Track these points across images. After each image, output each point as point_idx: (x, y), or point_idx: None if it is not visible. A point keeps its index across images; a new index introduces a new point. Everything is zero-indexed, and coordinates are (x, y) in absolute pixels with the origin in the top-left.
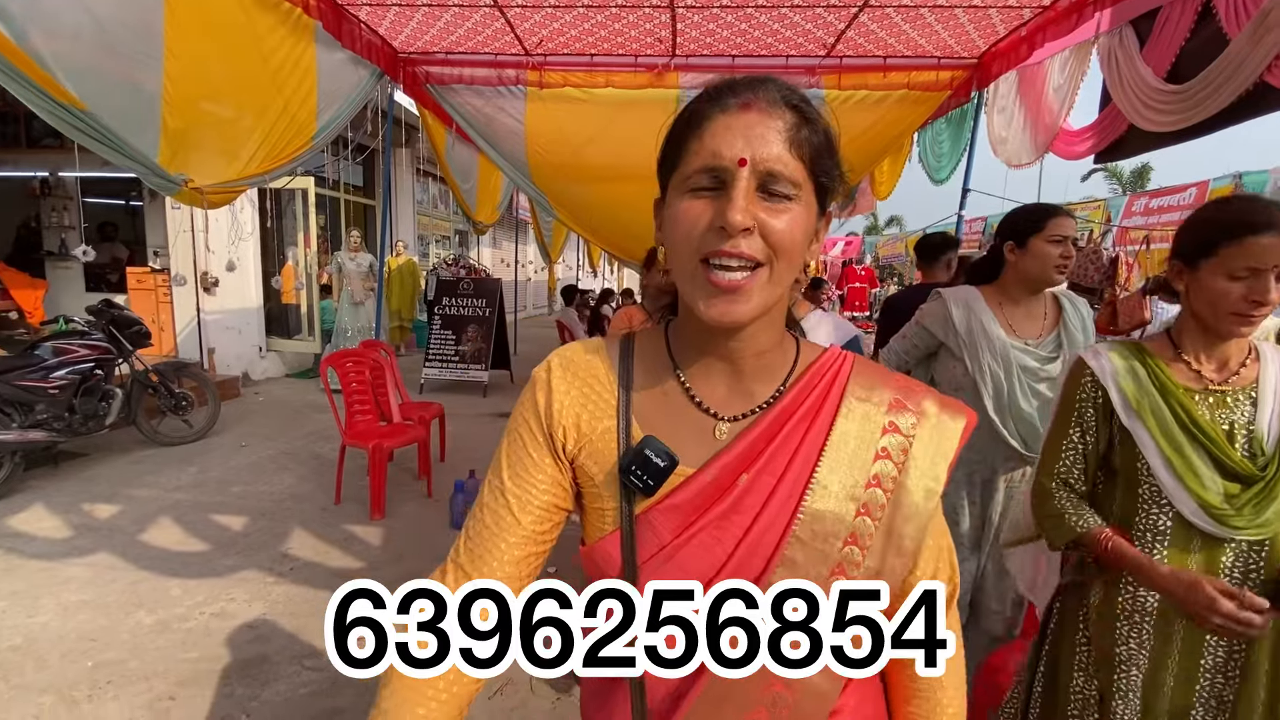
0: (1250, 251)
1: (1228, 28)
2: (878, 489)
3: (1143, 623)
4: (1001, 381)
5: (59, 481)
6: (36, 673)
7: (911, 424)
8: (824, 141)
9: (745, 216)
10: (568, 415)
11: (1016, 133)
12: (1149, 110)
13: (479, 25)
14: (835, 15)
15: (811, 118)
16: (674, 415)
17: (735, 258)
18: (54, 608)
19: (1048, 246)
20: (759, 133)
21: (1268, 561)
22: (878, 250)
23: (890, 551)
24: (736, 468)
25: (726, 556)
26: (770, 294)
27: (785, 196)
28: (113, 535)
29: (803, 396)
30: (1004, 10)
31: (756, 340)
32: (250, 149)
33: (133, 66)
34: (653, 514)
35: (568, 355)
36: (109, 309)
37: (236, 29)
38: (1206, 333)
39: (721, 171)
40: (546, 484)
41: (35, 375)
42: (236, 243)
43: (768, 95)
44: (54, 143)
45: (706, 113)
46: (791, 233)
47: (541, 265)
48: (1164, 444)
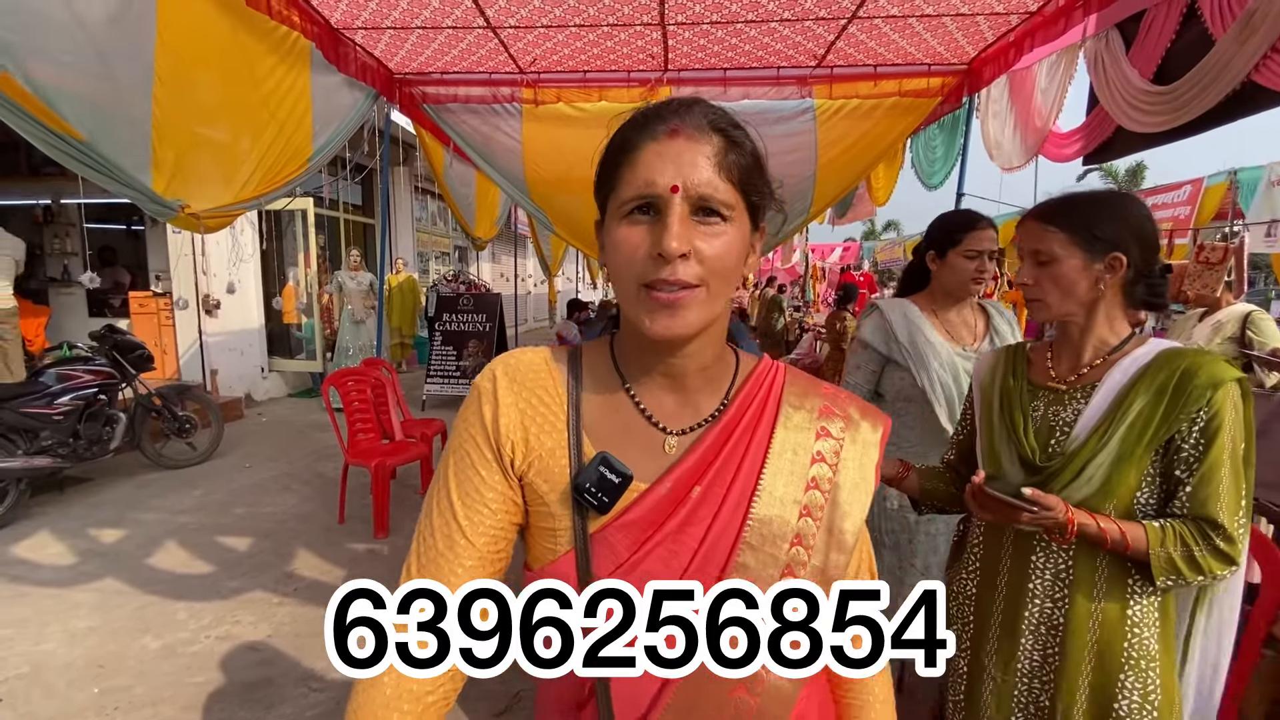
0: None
1: (1213, 29)
2: (816, 490)
3: (964, 605)
4: (952, 389)
5: (65, 507)
6: (45, 700)
7: (840, 428)
8: (752, 162)
9: (681, 243)
10: (515, 429)
11: (1009, 137)
12: (1136, 111)
13: (473, 46)
14: (824, 27)
15: (738, 140)
16: (623, 429)
17: (674, 285)
18: (61, 634)
19: (964, 261)
20: (689, 159)
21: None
22: (876, 255)
23: (832, 548)
24: (689, 480)
25: (683, 569)
26: (709, 311)
27: (720, 218)
28: (119, 560)
29: (745, 407)
30: (991, 17)
31: (701, 355)
32: (246, 173)
33: (126, 95)
34: (608, 532)
35: (513, 365)
36: (112, 334)
37: (229, 55)
38: (1063, 330)
39: (656, 199)
40: (498, 502)
41: (40, 402)
42: (237, 265)
43: (694, 121)
44: (55, 170)
45: (637, 141)
46: (726, 255)
47: (541, 278)
48: (984, 429)
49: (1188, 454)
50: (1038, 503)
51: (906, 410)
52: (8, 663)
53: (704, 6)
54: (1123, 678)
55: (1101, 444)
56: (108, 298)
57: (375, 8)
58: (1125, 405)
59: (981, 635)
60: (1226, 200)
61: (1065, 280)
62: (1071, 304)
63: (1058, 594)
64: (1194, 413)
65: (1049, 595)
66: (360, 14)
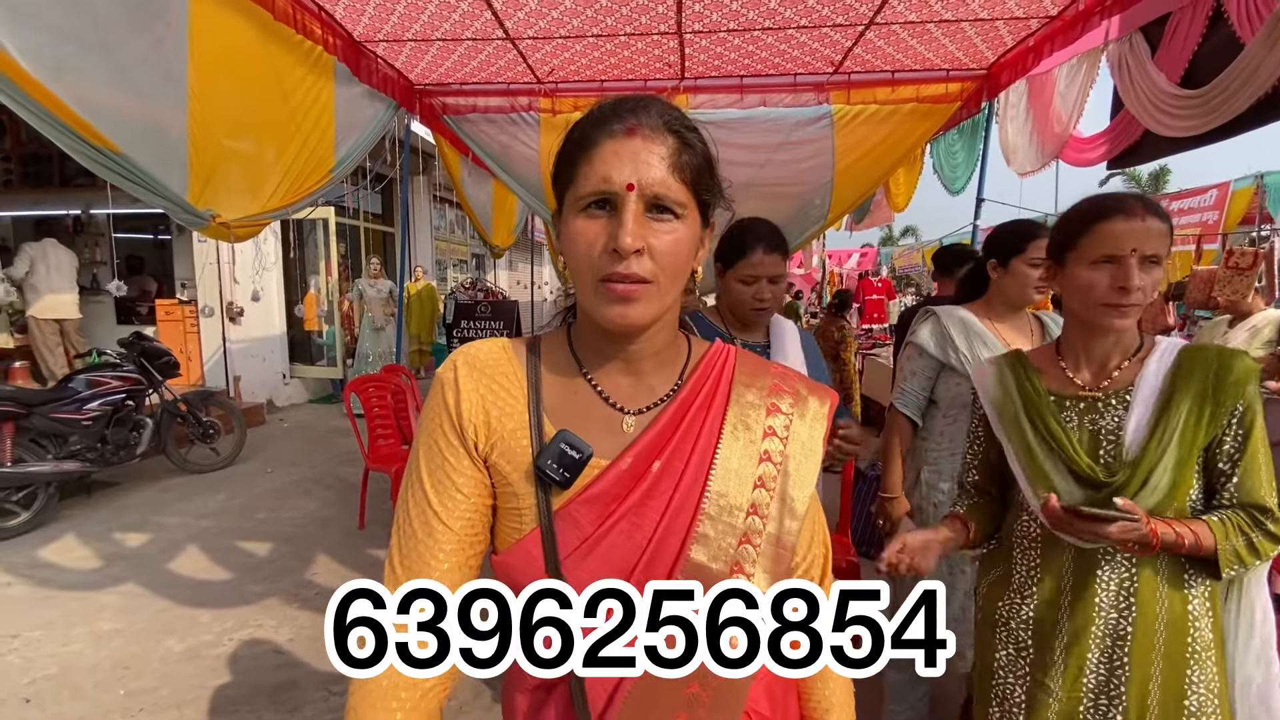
0: (1101, 238)
1: (1240, 32)
2: (768, 463)
3: (1019, 630)
4: None
5: (92, 510)
6: (72, 701)
7: (790, 404)
8: (703, 162)
9: (635, 240)
10: (477, 413)
11: (1025, 141)
12: (1165, 116)
13: (492, 57)
14: (842, 34)
15: (691, 142)
16: (582, 410)
17: (627, 279)
18: (87, 636)
19: (1028, 269)
20: (644, 158)
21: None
22: (894, 261)
23: (786, 515)
24: (649, 456)
25: (646, 541)
26: (660, 304)
27: (673, 215)
28: (144, 563)
29: (699, 387)
30: (1010, 22)
31: (654, 341)
32: (273, 183)
33: (159, 109)
34: (572, 507)
35: (472, 354)
36: (139, 341)
37: (257, 68)
38: (1084, 335)
39: (612, 196)
40: (469, 486)
41: (69, 408)
42: (260, 273)
43: (650, 121)
44: (86, 181)
45: (594, 137)
46: (677, 251)
47: (558, 285)
48: (1020, 451)
49: (1230, 447)
50: (1130, 513)
51: (963, 416)
52: (36, 664)
53: (721, 15)
54: (1189, 673)
55: (1161, 449)
56: (135, 305)
57: (397, 21)
58: (1172, 408)
59: (1044, 658)
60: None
61: (1158, 280)
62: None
63: (1123, 604)
64: (1233, 408)
65: (1114, 606)
66: (383, 27)
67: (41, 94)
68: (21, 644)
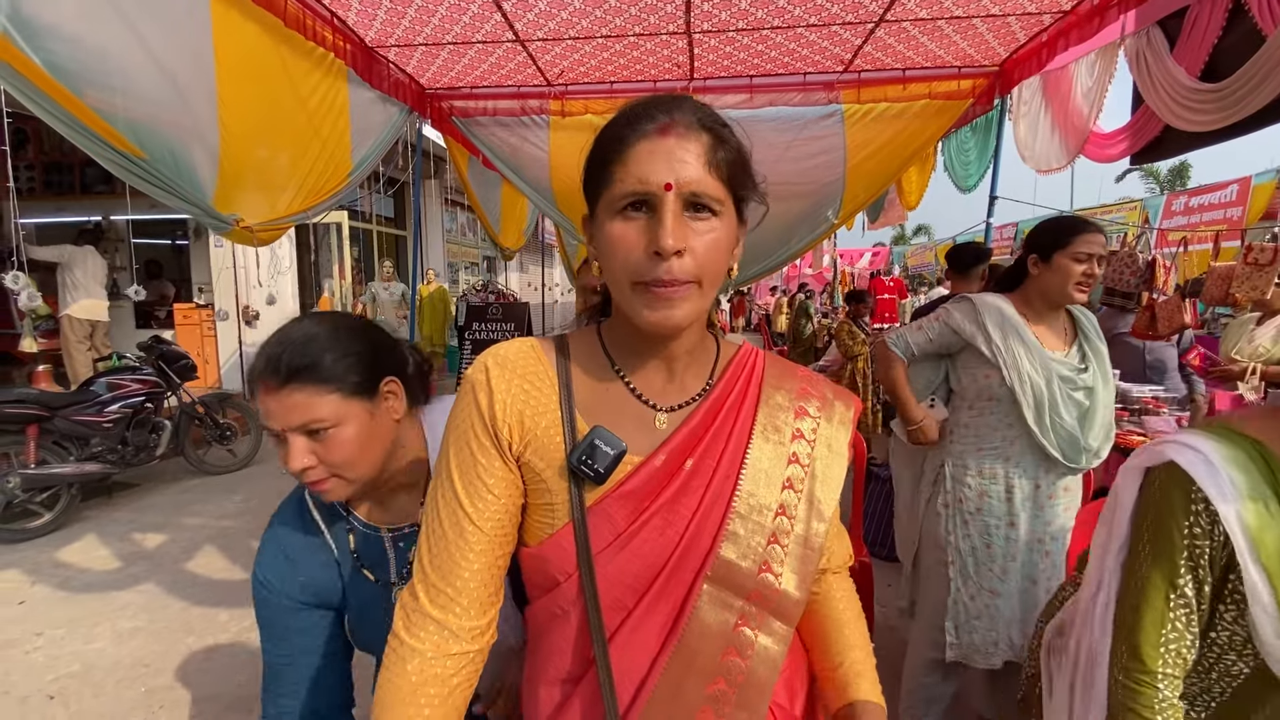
0: None
1: (1262, 24)
2: (797, 465)
3: None
4: (1043, 391)
5: (112, 512)
6: (94, 699)
7: (817, 407)
8: (738, 158)
9: (677, 240)
10: (511, 413)
11: (1044, 138)
12: (1185, 110)
13: (502, 60)
14: (852, 32)
15: (726, 138)
16: (615, 407)
17: (670, 284)
18: (110, 634)
19: (1072, 264)
20: (680, 156)
21: None
22: (906, 260)
23: (814, 517)
24: (682, 453)
25: (679, 537)
26: (702, 305)
27: (711, 213)
28: (164, 563)
29: (730, 387)
30: (1023, 17)
31: (688, 339)
32: (293, 188)
33: (188, 116)
34: (607, 503)
35: (502, 354)
36: (158, 344)
37: (276, 75)
38: None
39: (649, 196)
40: (500, 487)
41: (91, 410)
42: (276, 277)
43: (684, 119)
44: (105, 189)
45: (628, 137)
46: (717, 250)
47: (568, 287)
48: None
49: None
50: None
51: (991, 409)
52: (60, 661)
53: (730, 14)
54: None
55: None
56: (153, 309)
57: (408, 25)
58: None
59: None
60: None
61: None
62: None
63: None
64: None
65: None
66: (394, 32)
67: (70, 103)
68: (45, 642)
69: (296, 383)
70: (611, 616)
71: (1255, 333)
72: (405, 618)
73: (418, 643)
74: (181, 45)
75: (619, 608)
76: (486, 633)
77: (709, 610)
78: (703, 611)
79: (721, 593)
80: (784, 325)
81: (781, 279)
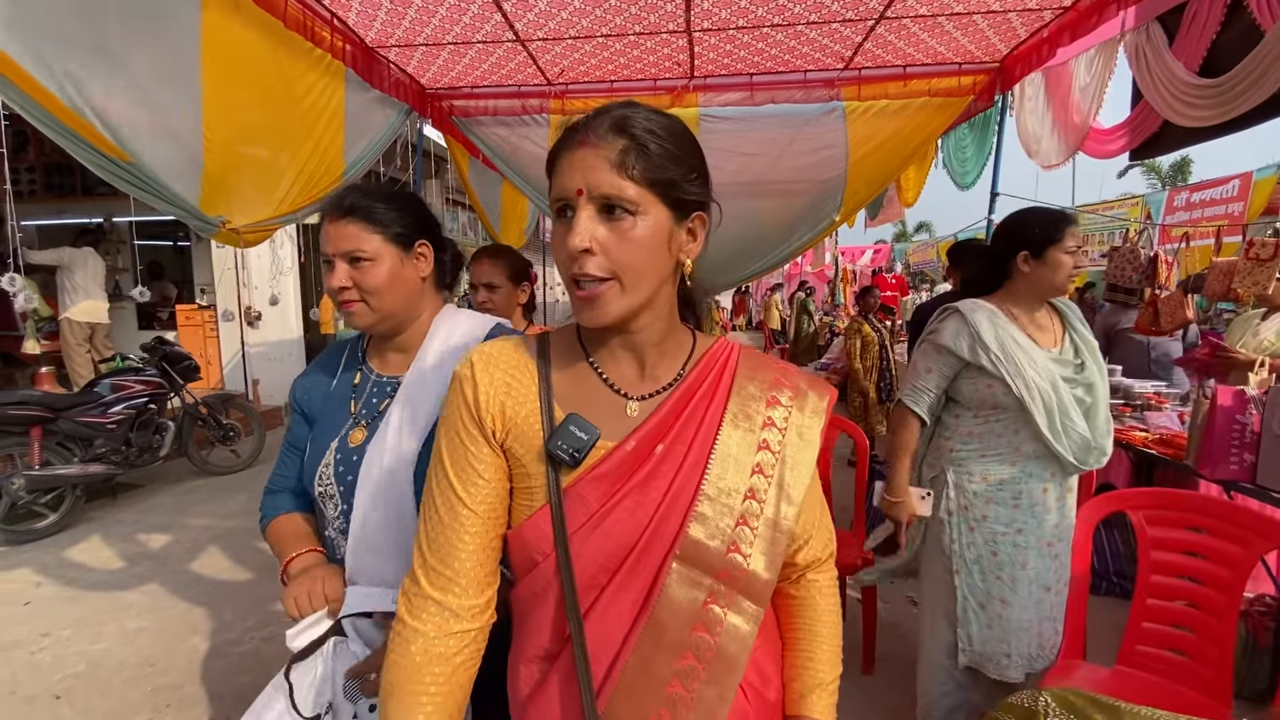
0: None
1: (1261, 19)
2: (767, 451)
3: None
4: (1052, 397)
5: (117, 512)
6: (101, 698)
7: (789, 397)
8: (662, 156)
9: (582, 240)
10: (494, 403)
11: (1046, 134)
12: (1184, 106)
13: (502, 59)
14: (852, 29)
15: (645, 142)
16: (590, 397)
17: (584, 277)
18: (116, 634)
19: (1065, 257)
20: (591, 164)
21: None
22: (908, 257)
23: (782, 501)
24: (653, 439)
25: (649, 518)
26: (628, 301)
27: (627, 212)
28: (168, 563)
29: (702, 377)
30: (1023, 14)
31: (651, 330)
32: (284, 189)
33: (172, 118)
34: (581, 485)
35: (487, 351)
36: (161, 345)
37: (269, 76)
38: None
39: (569, 202)
40: (489, 472)
41: (95, 411)
42: (277, 277)
43: (598, 130)
44: (107, 190)
45: (559, 151)
46: (634, 248)
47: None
48: None
49: None
50: None
51: (998, 417)
52: (66, 661)
53: (730, 12)
54: None
55: None
56: (156, 311)
57: (409, 25)
58: None
59: None
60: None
61: None
62: None
63: None
64: None
65: None
66: (394, 32)
67: (55, 106)
68: (51, 642)
69: (352, 218)
70: (586, 594)
71: (1260, 327)
72: (408, 602)
73: (420, 624)
74: (167, 43)
75: (593, 585)
76: (485, 611)
77: (678, 588)
78: (672, 589)
79: (690, 571)
80: (776, 322)
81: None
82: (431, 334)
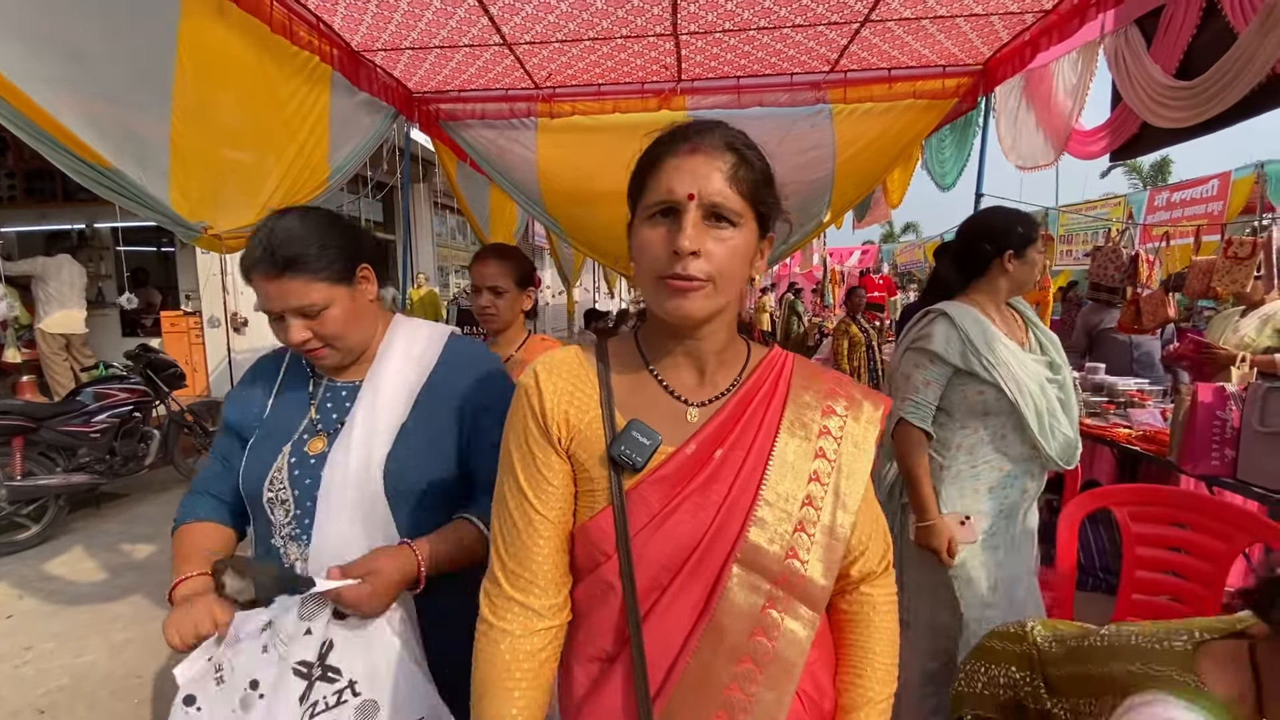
0: None
1: (1234, 22)
2: (823, 459)
3: None
4: (1040, 398)
5: (101, 523)
6: (87, 711)
7: (844, 406)
8: (761, 177)
9: (693, 243)
10: (559, 411)
11: (1029, 136)
12: (1160, 107)
13: (489, 63)
14: (837, 32)
15: (749, 159)
16: (650, 402)
17: (686, 277)
18: (101, 647)
19: (1038, 255)
20: (704, 172)
21: None
22: (895, 257)
23: (839, 509)
24: (712, 443)
25: (710, 520)
26: (715, 303)
27: (730, 224)
28: (154, 573)
29: (759, 385)
30: (1005, 17)
31: (715, 338)
32: (267, 194)
33: (147, 121)
34: (643, 487)
35: (549, 361)
36: (146, 353)
37: (252, 79)
38: None
39: (674, 204)
40: (558, 478)
41: (77, 420)
42: None
43: (712, 140)
44: (89, 196)
45: (662, 155)
46: (732, 256)
47: (560, 289)
48: None
49: None
50: None
51: (985, 424)
52: (49, 675)
53: (716, 15)
54: None
55: None
56: (140, 317)
57: (395, 29)
58: None
59: None
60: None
61: None
62: None
63: None
64: None
65: None
66: (380, 36)
67: (34, 111)
68: (34, 656)
69: (290, 273)
70: (647, 595)
71: (1239, 324)
72: (490, 604)
73: (506, 624)
74: (143, 46)
75: (654, 586)
76: (564, 609)
77: (739, 591)
78: (733, 592)
79: (750, 575)
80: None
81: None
82: (388, 341)
